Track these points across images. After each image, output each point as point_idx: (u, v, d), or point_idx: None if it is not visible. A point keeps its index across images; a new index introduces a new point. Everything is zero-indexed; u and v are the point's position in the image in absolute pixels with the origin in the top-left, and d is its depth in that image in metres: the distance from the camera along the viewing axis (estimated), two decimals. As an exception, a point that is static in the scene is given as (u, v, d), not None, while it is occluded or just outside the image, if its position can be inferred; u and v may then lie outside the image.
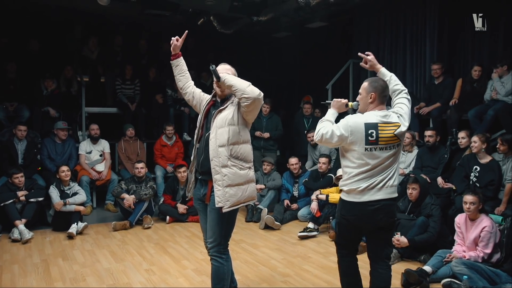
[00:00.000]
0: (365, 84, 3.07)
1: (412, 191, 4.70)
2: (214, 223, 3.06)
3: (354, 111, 3.17)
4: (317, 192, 5.79)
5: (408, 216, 4.73)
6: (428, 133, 5.73)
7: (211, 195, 3.05)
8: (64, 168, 5.82)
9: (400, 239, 4.48)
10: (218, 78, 3.03)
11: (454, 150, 5.50)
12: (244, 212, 6.54)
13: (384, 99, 3.04)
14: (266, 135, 7.36)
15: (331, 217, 5.48)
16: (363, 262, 4.25)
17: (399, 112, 3.02)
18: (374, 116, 2.95)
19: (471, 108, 5.68)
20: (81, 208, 5.72)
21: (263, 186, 6.49)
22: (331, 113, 3.15)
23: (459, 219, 4.25)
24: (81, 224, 5.53)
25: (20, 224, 5.27)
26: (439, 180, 5.25)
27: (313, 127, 7.35)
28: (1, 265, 4.44)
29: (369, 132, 2.91)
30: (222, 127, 3.03)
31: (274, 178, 6.56)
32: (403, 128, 2.96)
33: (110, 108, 7.88)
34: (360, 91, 3.10)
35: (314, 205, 5.65)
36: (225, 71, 3.15)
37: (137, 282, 4.01)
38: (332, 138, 2.93)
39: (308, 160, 7.21)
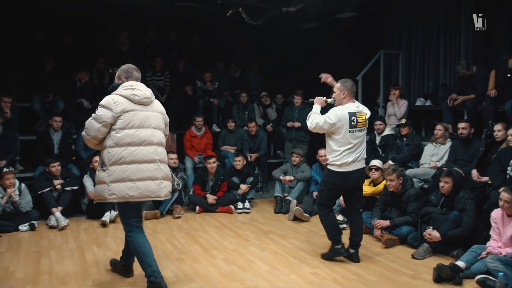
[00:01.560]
0: (338, 85, 4.16)
1: (445, 185, 4.59)
2: (118, 210, 3.68)
3: (331, 105, 4.21)
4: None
5: (441, 210, 4.62)
6: (461, 125, 5.58)
7: None
8: (97, 158, 5.94)
9: (432, 233, 4.39)
10: None
11: (489, 143, 5.32)
12: (273, 204, 6.55)
13: (353, 94, 4.14)
14: (297, 124, 7.33)
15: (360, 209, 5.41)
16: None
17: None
18: (352, 107, 4.09)
19: (508, 100, 5.49)
20: None
21: (292, 178, 6.47)
22: (317, 108, 4.24)
23: (496, 214, 4.12)
24: (114, 213, 5.66)
25: (57, 212, 5.44)
26: (474, 173, 5.10)
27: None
28: (40, 251, 4.60)
29: (352, 119, 4.02)
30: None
31: (303, 169, 6.54)
32: (369, 114, 4.20)
33: (141, 99, 7.98)
34: (334, 90, 4.19)
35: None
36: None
37: (168, 270, 4.08)
38: (325, 125, 4.03)
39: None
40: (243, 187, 6.43)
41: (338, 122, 3.98)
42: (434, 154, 5.90)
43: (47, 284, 3.77)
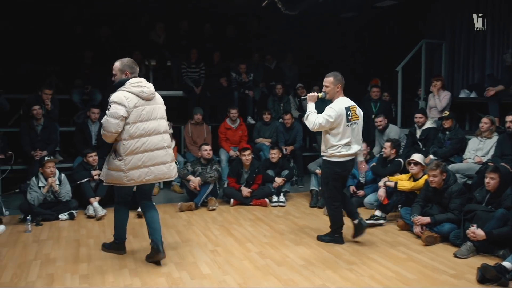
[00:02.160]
0: (330, 79, 4.37)
1: (491, 181, 4.42)
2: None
3: (323, 100, 4.50)
4: (385, 178, 5.61)
5: (486, 207, 4.46)
6: (509, 118, 5.35)
7: None
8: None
9: (476, 231, 4.23)
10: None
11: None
12: (308, 198, 6.51)
13: (343, 88, 4.42)
14: None
15: (399, 205, 5.31)
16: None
17: None
18: (347, 101, 4.37)
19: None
20: None
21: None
22: (311, 106, 4.41)
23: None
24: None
25: (94, 202, 5.62)
26: (522, 169, 4.88)
27: (381, 111, 7.13)
28: (79, 239, 4.77)
29: (348, 113, 4.31)
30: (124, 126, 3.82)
31: (339, 163, 6.44)
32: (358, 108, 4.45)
33: (176, 91, 8.10)
34: (327, 84, 4.37)
35: (381, 192, 5.49)
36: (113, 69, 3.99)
37: (203, 262, 4.13)
38: (327, 124, 4.24)
39: (375, 145, 7.01)
40: (278, 180, 6.42)
41: (338, 119, 4.25)
42: (479, 149, 5.69)
43: (86, 271, 3.90)
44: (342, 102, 4.33)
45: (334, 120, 4.23)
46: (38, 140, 6.33)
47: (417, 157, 5.37)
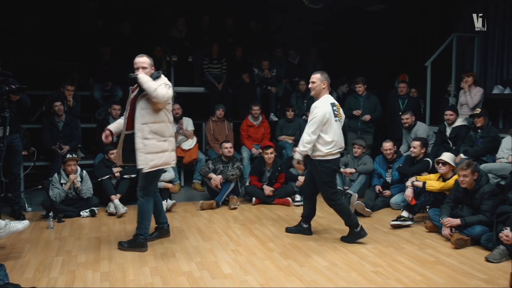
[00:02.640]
0: (318, 75, 4.52)
1: (526, 182, 4.31)
2: (142, 175, 4.31)
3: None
4: (413, 178, 5.54)
5: (520, 209, 4.35)
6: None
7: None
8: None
9: (510, 234, 4.14)
10: (133, 77, 4.16)
11: None
12: (331, 197, 6.47)
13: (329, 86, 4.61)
14: (367, 117, 7.20)
15: (428, 206, 5.24)
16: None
17: None
18: (331, 99, 4.60)
19: None
20: (169, 185, 6.09)
21: (353, 170, 6.36)
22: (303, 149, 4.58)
23: None
24: (170, 202, 5.86)
25: (115, 199, 5.72)
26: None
27: (408, 108, 7.04)
28: (100, 236, 4.87)
29: (333, 108, 4.53)
30: (144, 109, 4.16)
31: (365, 162, 6.40)
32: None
33: (198, 87, 8.16)
34: (314, 80, 4.53)
35: (409, 192, 5.42)
36: (141, 63, 4.21)
37: (224, 261, 4.17)
38: (318, 129, 4.46)
39: (402, 144, 6.92)
40: (301, 179, 6.40)
41: (327, 114, 4.45)
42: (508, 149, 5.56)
43: (107, 269, 3.98)
44: (327, 99, 4.55)
45: (321, 123, 4.44)
46: (60, 136, 6.48)
47: (446, 156, 5.28)
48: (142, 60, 4.25)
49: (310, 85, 4.59)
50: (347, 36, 9.32)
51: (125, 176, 6.01)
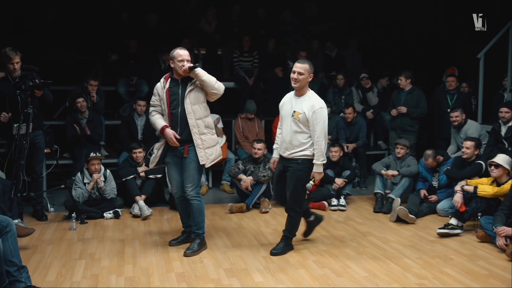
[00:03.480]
0: (306, 66, 4.32)
1: None
2: (194, 172, 4.42)
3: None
4: (463, 182, 5.41)
5: None
6: None
7: (188, 151, 4.38)
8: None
9: None
10: (193, 68, 4.28)
11: None
12: (372, 201, 6.40)
13: None
14: (403, 109, 7.06)
15: (479, 213, 5.09)
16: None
17: None
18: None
19: None
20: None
21: (395, 173, 6.25)
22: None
23: None
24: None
25: (140, 200, 5.82)
26: None
27: (458, 105, 6.87)
28: (124, 239, 4.96)
29: None
30: (196, 104, 4.36)
31: (409, 163, 6.29)
32: None
33: (227, 82, 8.19)
34: (301, 71, 4.28)
35: (458, 197, 5.29)
36: (187, 56, 4.35)
37: (255, 269, 4.17)
38: (326, 124, 4.37)
39: (451, 144, 6.77)
40: (339, 182, 6.35)
41: None
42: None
43: (131, 273, 4.06)
44: (318, 97, 4.46)
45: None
46: (83, 134, 6.61)
47: (500, 158, 5.12)
48: (187, 52, 4.39)
49: (295, 76, 4.30)
50: (388, 26, 9.17)
51: (151, 176, 6.10)
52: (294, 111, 4.34)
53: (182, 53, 4.35)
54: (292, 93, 4.51)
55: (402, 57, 8.98)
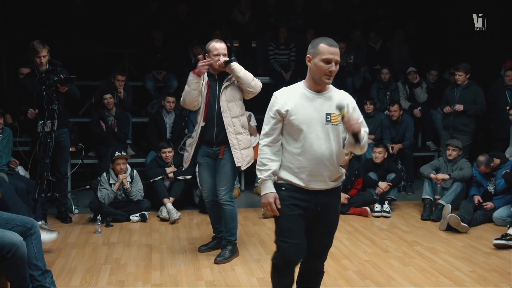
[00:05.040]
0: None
1: None
2: (229, 174, 4.45)
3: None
4: (523, 188, 5.27)
5: None
6: None
7: (224, 152, 4.42)
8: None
9: None
10: (229, 62, 4.28)
11: None
12: (419, 208, 6.31)
13: None
14: (459, 107, 6.92)
15: (542, 223, 4.95)
16: None
17: None
18: None
19: None
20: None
21: (447, 176, 6.14)
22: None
23: None
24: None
25: (168, 203, 5.90)
26: None
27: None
28: (151, 244, 5.06)
29: None
30: (232, 102, 4.39)
31: (461, 167, 6.17)
32: None
33: (262, 77, 8.21)
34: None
35: (517, 205, 5.17)
36: (223, 50, 4.34)
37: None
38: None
39: (509, 145, 6.60)
40: (383, 186, 6.28)
41: None
42: None
43: (158, 281, 4.13)
44: None
45: None
46: (109, 132, 6.75)
47: None
48: (224, 46, 4.41)
49: (335, 69, 3.04)
50: (439, 15, 8.99)
51: (180, 178, 6.18)
52: (329, 114, 3.06)
53: (218, 47, 4.37)
54: (297, 89, 3.16)
55: (456, 48, 8.79)
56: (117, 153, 5.92)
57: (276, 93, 3.23)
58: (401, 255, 4.81)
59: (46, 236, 4.35)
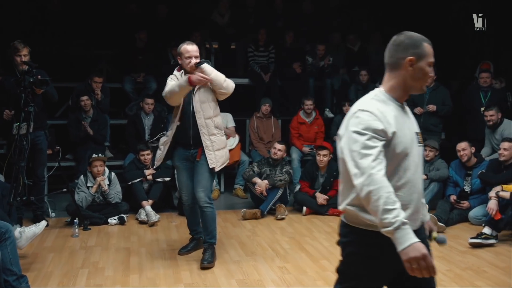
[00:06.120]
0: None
1: None
2: (206, 176, 4.44)
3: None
4: (498, 188, 5.34)
5: None
6: None
7: (202, 154, 4.40)
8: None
9: None
10: (199, 64, 4.31)
11: None
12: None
13: None
14: (432, 107, 6.99)
15: (516, 222, 5.04)
16: None
17: None
18: None
19: None
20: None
21: (423, 177, 6.19)
22: None
23: None
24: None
25: (147, 205, 5.86)
26: None
27: (493, 103, 6.78)
28: (129, 247, 5.01)
29: None
30: (205, 103, 4.39)
31: (438, 167, 6.24)
32: None
33: (241, 78, 8.22)
34: None
35: (492, 204, 5.21)
36: (195, 52, 4.36)
37: (269, 280, 4.18)
38: None
39: (485, 146, 6.69)
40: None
41: None
42: None
43: (137, 284, 4.10)
44: None
45: None
46: (86, 134, 6.66)
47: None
48: (195, 48, 4.40)
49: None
50: (416, 19, 9.07)
51: (158, 180, 6.14)
52: (417, 133, 2.43)
53: (189, 49, 4.37)
54: (386, 101, 2.30)
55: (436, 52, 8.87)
56: (94, 155, 5.86)
57: (367, 108, 2.20)
58: (379, 255, 4.84)
59: (37, 229, 4.28)
